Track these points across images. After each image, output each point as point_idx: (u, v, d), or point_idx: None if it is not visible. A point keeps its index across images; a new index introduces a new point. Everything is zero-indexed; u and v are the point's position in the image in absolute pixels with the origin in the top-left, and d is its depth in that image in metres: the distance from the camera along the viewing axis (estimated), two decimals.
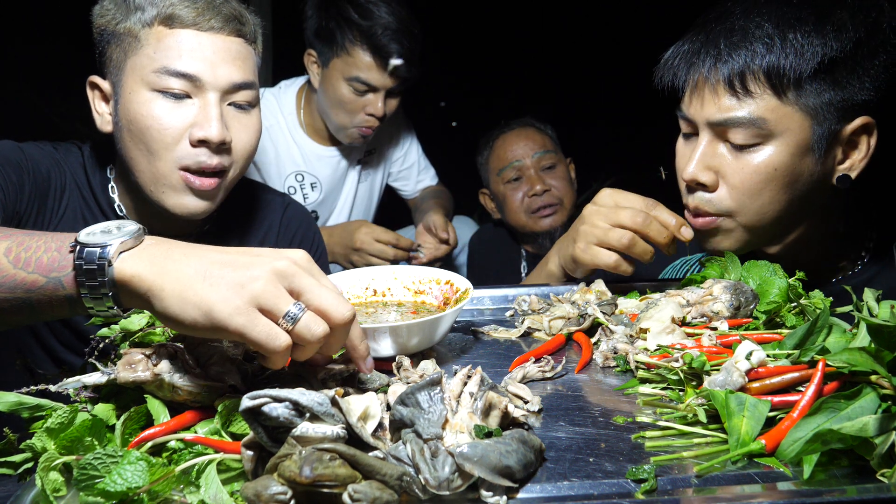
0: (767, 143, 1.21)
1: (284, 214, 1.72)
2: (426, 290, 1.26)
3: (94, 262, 0.81)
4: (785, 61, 1.17)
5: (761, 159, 1.21)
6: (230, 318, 0.76)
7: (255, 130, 1.44)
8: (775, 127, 1.19)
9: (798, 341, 0.93)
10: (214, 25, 1.34)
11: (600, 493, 0.74)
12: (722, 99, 1.22)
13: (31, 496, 0.75)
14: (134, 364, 0.84)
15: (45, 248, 0.86)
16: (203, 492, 0.73)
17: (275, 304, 0.78)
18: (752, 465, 0.78)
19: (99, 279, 0.81)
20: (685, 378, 0.94)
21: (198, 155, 1.35)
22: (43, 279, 0.84)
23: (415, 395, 0.77)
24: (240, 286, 0.78)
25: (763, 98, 1.19)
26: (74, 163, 1.48)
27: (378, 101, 2.25)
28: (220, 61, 1.35)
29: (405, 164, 2.72)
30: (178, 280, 0.79)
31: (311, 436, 0.71)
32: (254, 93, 1.43)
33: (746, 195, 1.24)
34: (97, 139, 1.51)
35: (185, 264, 0.80)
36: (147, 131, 1.33)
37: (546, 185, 2.52)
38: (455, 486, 0.71)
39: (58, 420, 0.80)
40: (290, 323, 0.79)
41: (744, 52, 1.19)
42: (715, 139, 1.26)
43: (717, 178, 1.26)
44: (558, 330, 1.19)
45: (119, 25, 1.35)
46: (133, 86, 1.34)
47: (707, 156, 1.26)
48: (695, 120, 1.28)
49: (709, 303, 1.16)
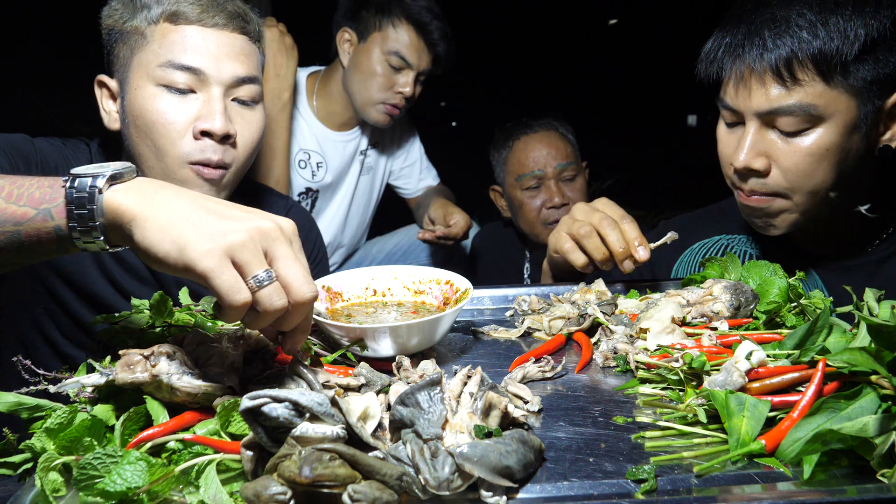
0: (817, 126, 1.23)
1: (287, 216, 1.72)
2: (426, 290, 1.26)
3: (85, 190, 0.83)
4: (830, 46, 1.18)
5: (812, 142, 1.24)
6: (200, 258, 0.77)
7: (258, 126, 1.47)
8: (824, 111, 1.22)
9: (798, 341, 0.93)
10: (218, 22, 1.37)
11: (600, 493, 0.74)
12: (770, 88, 1.23)
13: (31, 496, 0.75)
14: (132, 365, 0.84)
15: (38, 185, 0.88)
16: (203, 492, 0.73)
17: (248, 260, 0.79)
18: (752, 466, 0.78)
19: (88, 207, 0.83)
20: (685, 378, 0.94)
21: (203, 150, 1.37)
22: (33, 211, 0.86)
23: (415, 395, 0.77)
24: (221, 233, 0.79)
25: (811, 84, 1.21)
26: (82, 158, 1.51)
27: (410, 80, 2.32)
28: (224, 56, 1.38)
29: (407, 161, 2.73)
30: (163, 214, 0.80)
31: (310, 436, 0.71)
32: (257, 88, 1.45)
33: (800, 177, 1.26)
34: (104, 136, 1.55)
35: (175, 202, 0.81)
36: (153, 126, 1.36)
37: (565, 199, 2.46)
38: (455, 486, 0.71)
39: (57, 420, 0.80)
40: (256, 285, 0.79)
41: (789, 41, 1.21)
42: (763, 127, 1.28)
43: (769, 163, 1.29)
44: (558, 330, 1.19)
45: (126, 24, 1.38)
46: (139, 81, 1.37)
47: (757, 143, 1.28)
48: (741, 110, 1.29)
49: (709, 303, 1.16)
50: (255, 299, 0.80)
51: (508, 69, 4.38)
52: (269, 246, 0.81)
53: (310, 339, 1.09)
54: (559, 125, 2.56)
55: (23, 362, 0.89)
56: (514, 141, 2.55)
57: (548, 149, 2.48)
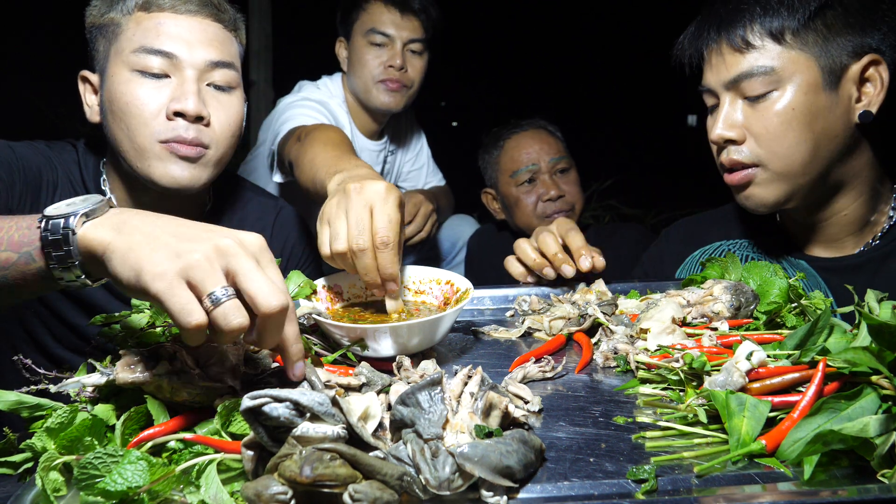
0: (780, 88, 1.30)
1: (277, 218, 1.73)
2: (426, 290, 1.26)
3: (59, 232, 0.84)
4: (779, 14, 1.29)
5: (777, 104, 1.30)
6: (152, 281, 0.76)
7: (235, 111, 1.47)
8: (783, 72, 1.29)
9: (798, 342, 0.93)
10: (191, 9, 1.41)
11: (600, 494, 0.74)
12: (727, 57, 1.33)
13: (32, 496, 0.75)
14: (133, 365, 0.84)
15: (16, 227, 0.90)
16: (203, 492, 0.73)
17: (202, 279, 0.77)
18: (753, 466, 0.78)
19: (64, 248, 0.84)
20: (685, 378, 0.94)
21: (175, 129, 1.38)
22: (15, 255, 0.88)
23: (415, 395, 0.77)
24: (175, 255, 0.78)
25: (765, 48, 1.30)
26: (68, 160, 1.51)
27: (397, 51, 2.35)
28: (197, 41, 1.40)
29: (416, 164, 2.77)
30: (126, 242, 0.80)
31: (311, 436, 0.71)
32: (233, 74, 1.46)
33: (772, 140, 1.31)
34: (91, 136, 1.56)
35: (138, 230, 0.82)
36: (127, 108, 1.37)
37: (560, 191, 2.48)
38: (455, 486, 0.71)
39: (58, 420, 0.80)
40: (211, 304, 0.77)
41: (741, 14, 1.32)
42: (734, 99, 1.35)
43: (743, 132, 1.34)
44: (559, 330, 1.19)
45: (104, 17, 1.41)
46: (115, 69, 1.39)
47: (730, 115, 1.35)
48: (712, 87, 1.38)
49: (709, 303, 1.16)
50: (212, 318, 0.77)
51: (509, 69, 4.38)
52: (228, 263, 0.79)
53: (310, 339, 1.09)
54: (547, 124, 2.59)
55: (23, 362, 0.89)
56: (505, 141, 2.57)
57: (539, 144, 2.51)
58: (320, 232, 1.17)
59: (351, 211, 1.12)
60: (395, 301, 1.19)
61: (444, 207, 2.68)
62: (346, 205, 1.13)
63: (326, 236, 1.15)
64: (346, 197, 1.13)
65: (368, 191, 1.13)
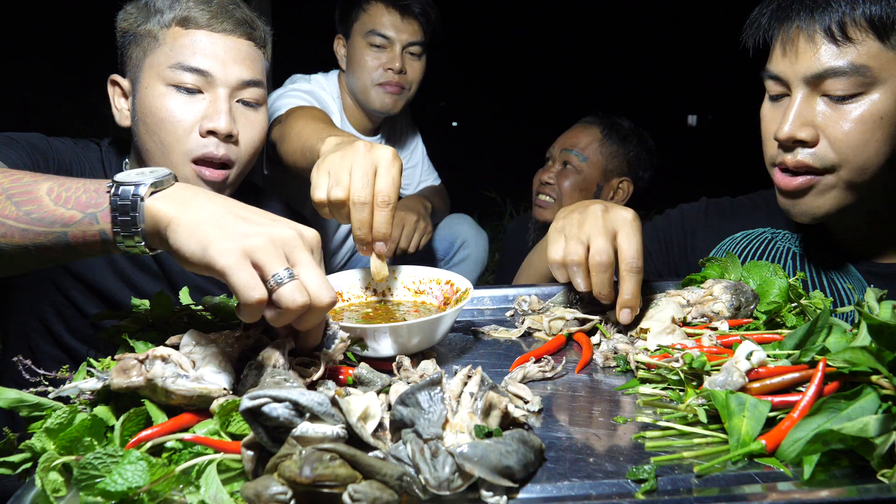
0: (870, 91, 1.16)
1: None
2: (426, 290, 1.26)
3: (129, 198, 0.89)
4: (887, 6, 1.12)
5: (865, 109, 1.16)
6: (219, 256, 0.81)
7: (261, 128, 1.53)
8: (878, 74, 1.14)
9: (798, 341, 0.93)
10: (226, 28, 1.45)
11: (600, 494, 0.74)
12: (819, 48, 1.16)
13: (32, 496, 0.75)
14: (127, 370, 0.84)
15: (83, 188, 0.94)
16: (203, 492, 0.73)
17: (267, 261, 0.83)
18: (753, 466, 0.78)
19: (131, 214, 0.89)
20: (685, 378, 0.94)
21: (206, 146, 1.44)
22: (80, 214, 0.92)
23: (415, 395, 0.77)
24: (242, 236, 0.83)
25: (865, 44, 1.14)
26: (93, 158, 1.57)
27: (396, 54, 2.36)
28: (231, 60, 1.45)
29: (410, 162, 2.76)
30: (193, 218, 0.86)
31: (311, 436, 0.71)
32: (261, 91, 1.52)
33: (851, 148, 1.17)
34: (113, 137, 1.63)
35: (205, 207, 0.87)
36: (161, 123, 1.43)
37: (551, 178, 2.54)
38: (455, 486, 0.71)
39: (57, 420, 0.79)
40: (276, 283, 0.82)
41: (843, 0, 1.14)
42: (811, 94, 1.20)
43: (816, 134, 1.20)
44: (559, 330, 1.19)
45: (140, 27, 1.46)
46: (150, 81, 1.44)
47: (804, 112, 1.20)
48: (786, 77, 1.22)
49: (709, 303, 1.16)
50: (277, 296, 0.82)
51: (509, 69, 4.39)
52: (289, 252, 0.85)
53: None
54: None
55: (23, 362, 0.89)
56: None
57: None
58: (316, 178, 1.19)
59: (356, 164, 1.15)
60: (381, 263, 1.21)
61: (438, 208, 2.66)
62: (353, 157, 1.16)
63: (325, 182, 1.17)
64: (354, 151, 1.17)
65: (377, 152, 1.17)
